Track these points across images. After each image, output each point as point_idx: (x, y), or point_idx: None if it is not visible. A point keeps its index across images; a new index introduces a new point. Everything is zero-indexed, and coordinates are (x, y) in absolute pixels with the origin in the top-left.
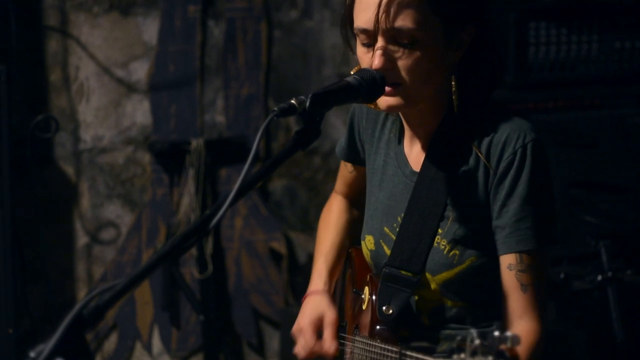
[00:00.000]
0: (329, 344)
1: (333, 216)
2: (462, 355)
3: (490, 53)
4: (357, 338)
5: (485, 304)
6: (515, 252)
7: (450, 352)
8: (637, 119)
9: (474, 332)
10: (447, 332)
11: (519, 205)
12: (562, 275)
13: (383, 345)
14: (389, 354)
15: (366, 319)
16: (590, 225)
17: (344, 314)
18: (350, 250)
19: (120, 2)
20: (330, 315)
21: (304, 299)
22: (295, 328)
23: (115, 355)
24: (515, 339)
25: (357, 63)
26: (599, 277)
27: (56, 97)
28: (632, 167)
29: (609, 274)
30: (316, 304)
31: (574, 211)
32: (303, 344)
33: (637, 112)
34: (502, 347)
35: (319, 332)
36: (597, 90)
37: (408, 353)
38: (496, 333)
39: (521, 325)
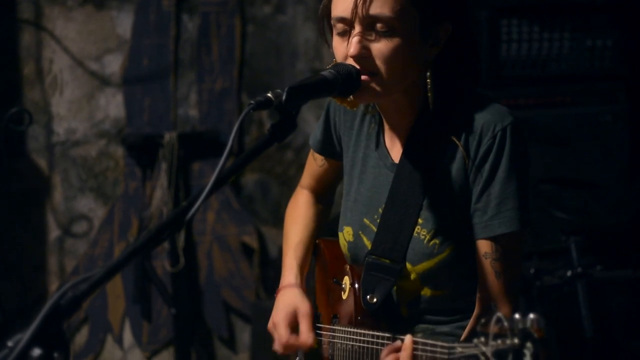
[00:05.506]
0: (305, 336)
1: (300, 210)
2: (483, 339)
3: (467, 53)
4: (338, 327)
5: (464, 291)
6: (494, 238)
7: (471, 337)
8: (608, 116)
9: (499, 314)
10: (424, 326)
11: (500, 188)
12: (532, 271)
13: (374, 333)
14: (380, 340)
15: (348, 308)
16: (560, 221)
17: (318, 305)
18: (317, 241)
19: None
20: (304, 308)
21: (277, 293)
22: (270, 324)
23: (86, 348)
24: (537, 321)
25: (331, 58)
26: (569, 273)
27: (29, 90)
28: (602, 163)
29: (579, 269)
30: (289, 298)
31: (544, 207)
32: (278, 339)
33: (607, 110)
34: (528, 327)
35: (294, 326)
36: (568, 88)
37: (400, 337)
38: (517, 315)
39: None
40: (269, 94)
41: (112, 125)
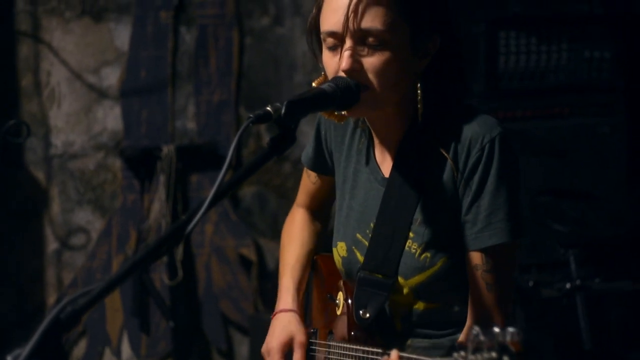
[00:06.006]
0: None
1: (296, 229)
2: (463, 353)
3: (455, 65)
4: (332, 343)
5: (458, 303)
6: (484, 250)
7: (450, 350)
8: (606, 127)
9: (477, 329)
10: (417, 340)
11: (489, 199)
12: (530, 283)
13: (365, 348)
14: (372, 356)
15: (342, 324)
16: (559, 233)
17: (313, 321)
18: (315, 257)
19: (93, 7)
20: (300, 337)
21: (273, 316)
22: (264, 348)
23: None
24: (516, 334)
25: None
26: (568, 285)
27: (27, 102)
28: (600, 175)
29: (578, 282)
30: (285, 325)
31: (542, 219)
32: None
33: (605, 121)
34: (505, 341)
35: (288, 354)
36: (566, 99)
37: (389, 352)
38: (496, 329)
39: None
40: (268, 108)
41: (110, 138)
